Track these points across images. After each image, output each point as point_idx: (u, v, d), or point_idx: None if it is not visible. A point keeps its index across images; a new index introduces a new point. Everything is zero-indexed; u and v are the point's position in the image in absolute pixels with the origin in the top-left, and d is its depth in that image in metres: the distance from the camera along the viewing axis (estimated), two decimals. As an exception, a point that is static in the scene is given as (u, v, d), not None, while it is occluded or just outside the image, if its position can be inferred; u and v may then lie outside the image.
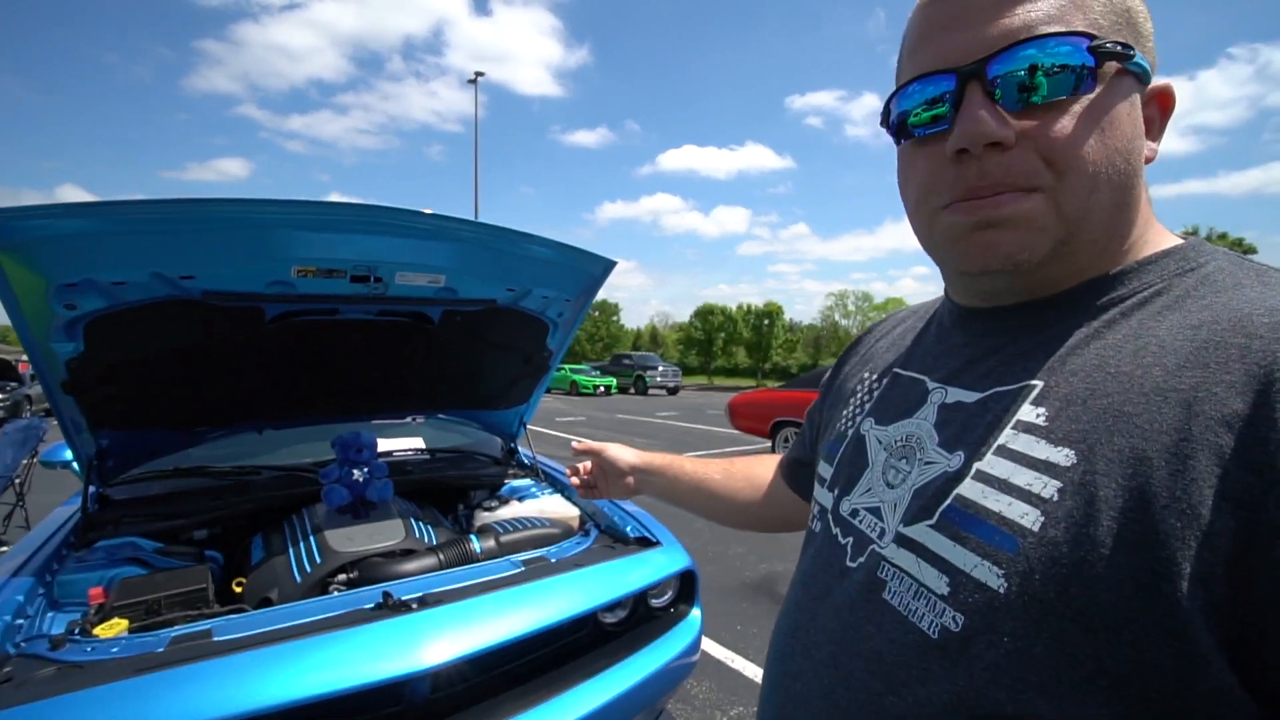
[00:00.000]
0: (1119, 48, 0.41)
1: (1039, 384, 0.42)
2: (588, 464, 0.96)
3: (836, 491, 0.56)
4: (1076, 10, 0.41)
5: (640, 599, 1.67)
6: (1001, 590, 0.38)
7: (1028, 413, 0.42)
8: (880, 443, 0.53)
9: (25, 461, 4.33)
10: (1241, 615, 0.31)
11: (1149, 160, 0.44)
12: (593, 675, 1.42)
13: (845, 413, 0.61)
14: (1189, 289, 0.41)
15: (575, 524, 1.97)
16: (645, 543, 1.76)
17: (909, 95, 0.45)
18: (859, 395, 0.61)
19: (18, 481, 4.32)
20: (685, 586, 1.77)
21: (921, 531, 0.44)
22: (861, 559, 0.49)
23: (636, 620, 1.66)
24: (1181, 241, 0.45)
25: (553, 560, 1.60)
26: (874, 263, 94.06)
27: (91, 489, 1.76)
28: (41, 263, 1.19)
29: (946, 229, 0.46)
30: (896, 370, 0.57)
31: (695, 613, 1.74)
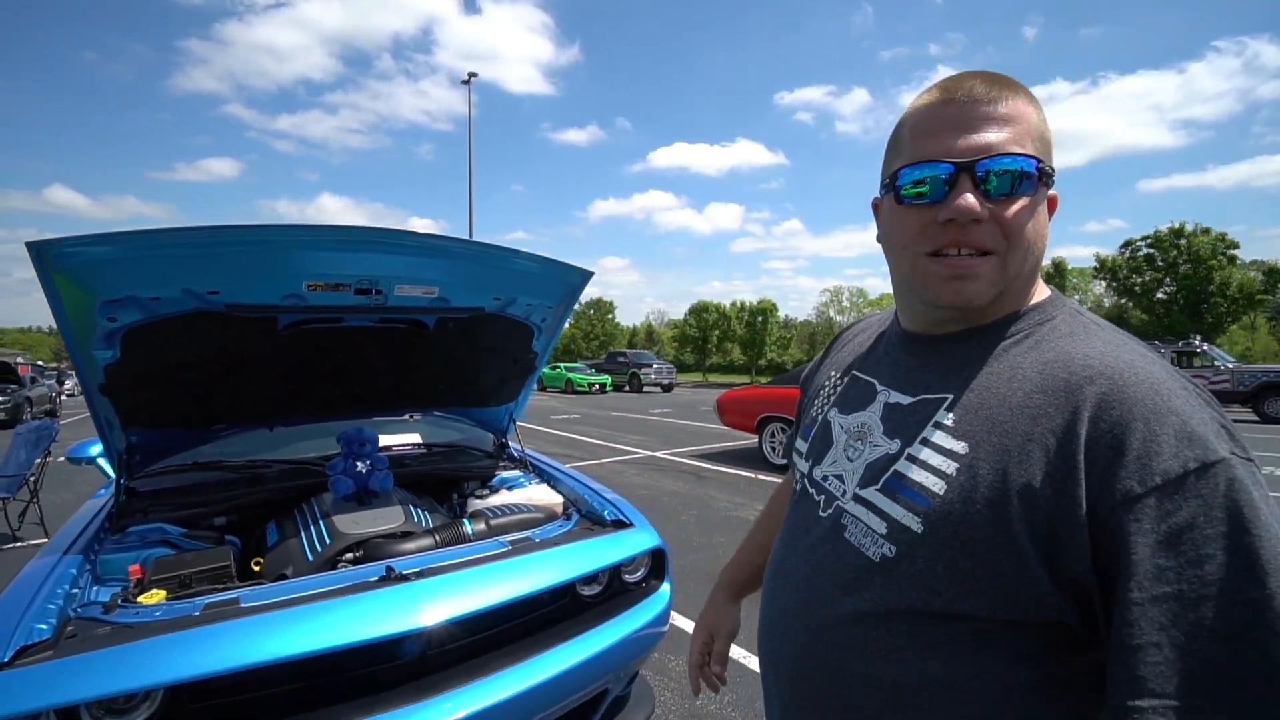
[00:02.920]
0: (1049, 169, 0.61)
1: (951, 396, 0.63)
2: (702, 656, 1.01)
3: (810, 462, 0.76)
4: (1029, 139, 0.60)
5: (615, 574, 1.87)
6: (919, 530, 0.59)
7: (943, 416, 0.62)
8: (842, 427, 0.73)
9: (38, 461, 4.51)
10: (1052, 540, 0.52)
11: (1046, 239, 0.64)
12: (570, 638, 1.62)
13: (817, 403, 0.81)
14: (1044, 335, 0.62)
15: (559, 509, 2.16)
16: (620, 524, 1.96)
17: (916, 169, 0.62)
18: (826, 390, 0.81)
19: (32, 480, 4.49)
20: (656, 564, 1.97)
21: (871, 493, 0.65)
22: (830, 511, 0.69)
23: (611, 593, 1.86)
24: (1047, 297, 0.65)
25: (537, 540, 1.80)
26: (866, 259, 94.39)
27: (122, 481, 1.95)
28: (90, 282, 1.38)
29: (926, 271, 0.63)
30: (854, 372, 0.77)
31: (665, 587, 1.93)
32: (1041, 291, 0.66)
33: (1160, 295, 27.36)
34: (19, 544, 4.36)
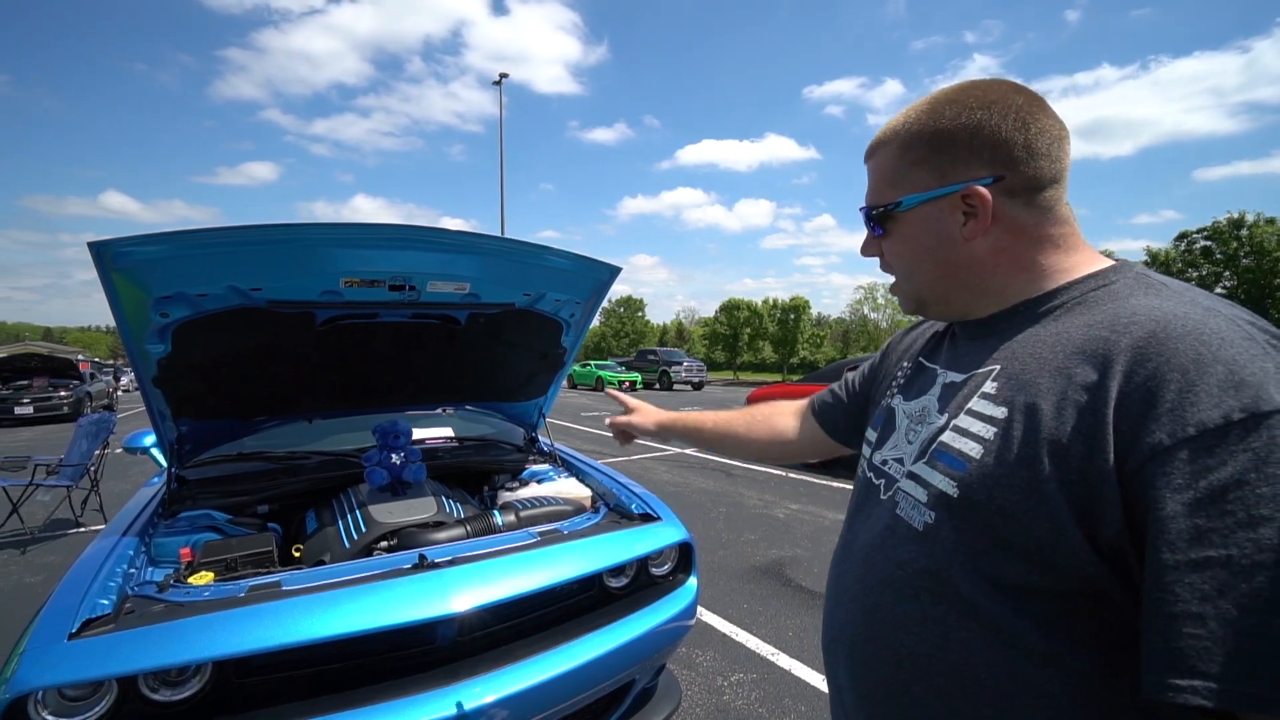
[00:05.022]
0: (882, 209, 0.70)
1: (997, 366, 0.64)
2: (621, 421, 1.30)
3: (872, 448, 0.79)
4: (882, 184, 0.71)
5: (642, 567, 1.88)
6: (955, 495, 0.60)
7: (989, 386, 0.63)
8: (905, 413, 0.76)
9: (98, 452, 4.76)
10: (1087, 502, 0.51)
11: (973, 238, 0.65)
12: (597, 629, 1.65)
13: (887, 392, 0.83)
14: (1098, 298, 0.61)
15: (587, 503, 2.19)
16: (648, 518, 1.97)
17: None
18: (896, 379, 0.83)
19: (92, 469, 4.75)
20: (683, 558, 1.98)
21: (919, 467, 0.67)
22: (889, 493, 0.71)
23: (638, 586, 1.88)
24: (1108, 265, 0.65)
25: (565, 532, 1.83)
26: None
27: (172, 469, 2.06)
28: (144, 280, 1.46)
29: None
30: (921, 360, 0.80)
31: (692, 581, 1.94)
32: (1094, 263, 0.65)
33: (1219, 291, 26.00)
34: (82, 529, 4.62)
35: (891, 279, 0.76)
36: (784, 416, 1.12)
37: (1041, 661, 0.55)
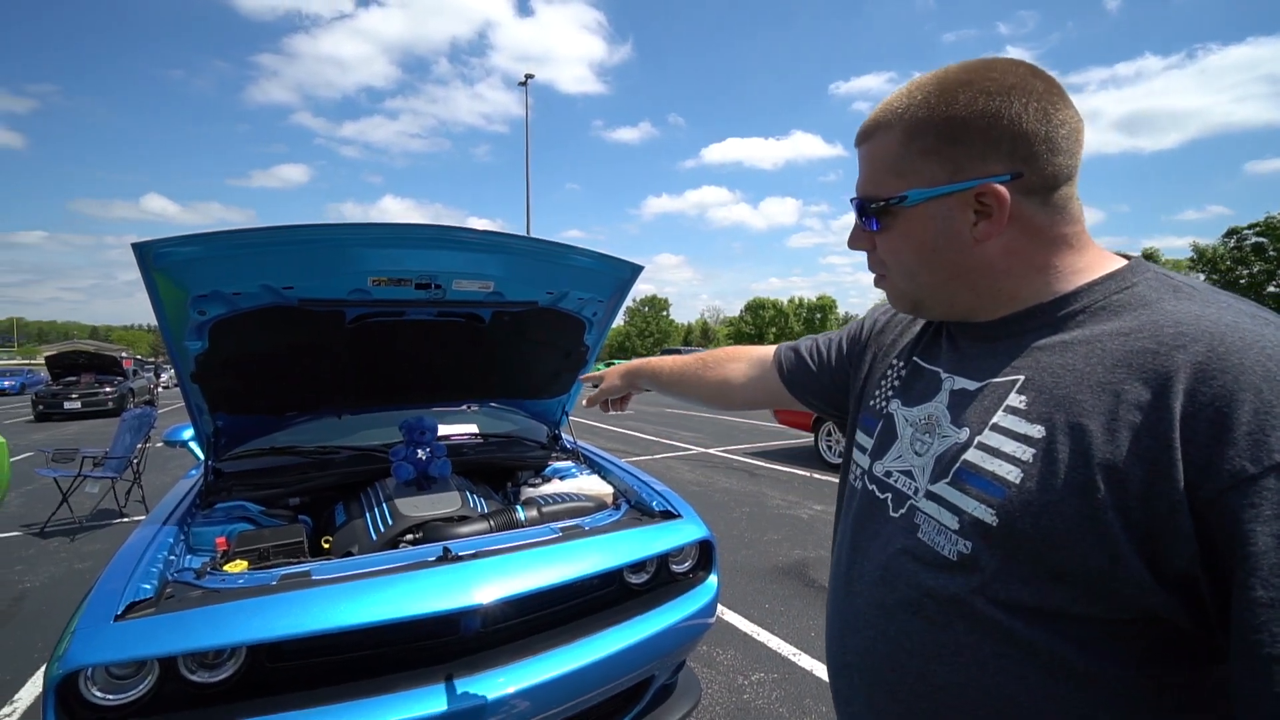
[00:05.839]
0: (883, 203, 0.63)
1: (1022, 377, 0.58)
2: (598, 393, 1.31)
3: (870, 457, 0.73)
4: (883, 172, 0.64)
5: (663, 563, 1.89)
6: (994, 524, 0.55)
7: (1014, 399, 0.58)
8: (907, 420, 0.69)
9: (140, 445, 4.95)
10: (1149, 529, 0.47)
11: (984, 240, 0.60)
12: (617, 624, 1.66)
13: (879, 394, 0.77)
14: (1124, 302, 0.56)
15: (609, 499, 2.21)
16: (669, 515, 1.98)
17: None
18: (889, 380, 0.77)
19: (135, 462, 4.94)
20: (704, 555, 1.98)
21: (941, 487, 0.61)
22: (902, 510, 0.66)
23: (659, 583, 1.89)
24: (1123, 265, 0.60)
25: (586, 527, 1.84)
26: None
27: (209, 462, 2.13)
28: (183, 279, 1.52)
29: None
30: (917, 360, 0.73)
31: (712, 579, 1.94)
32: (1106, 262, 0.61)
33: (1272, 289, 24.91)
34: (125, 519, 4.81)
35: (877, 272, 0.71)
36: (737, 364, 1.09)
37: (1081, 682, 0.52)
